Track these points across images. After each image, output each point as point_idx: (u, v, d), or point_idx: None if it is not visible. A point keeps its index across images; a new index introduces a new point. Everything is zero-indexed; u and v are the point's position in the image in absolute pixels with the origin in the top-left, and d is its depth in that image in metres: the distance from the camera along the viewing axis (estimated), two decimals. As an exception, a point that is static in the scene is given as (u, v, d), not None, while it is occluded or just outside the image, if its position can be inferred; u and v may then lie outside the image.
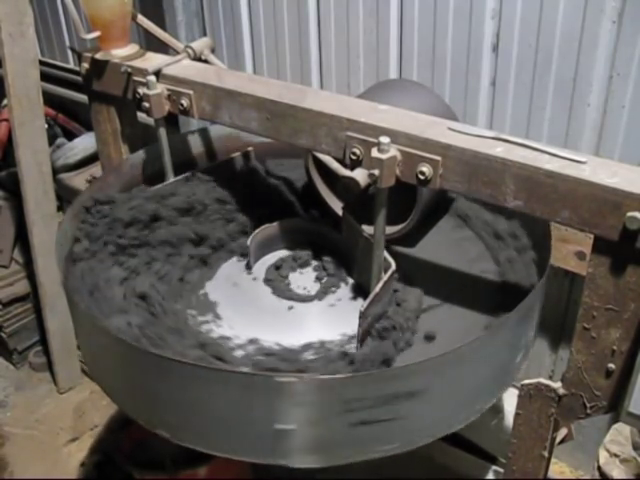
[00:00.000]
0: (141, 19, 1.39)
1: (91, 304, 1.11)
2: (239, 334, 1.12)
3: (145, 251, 1.22)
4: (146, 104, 1.23)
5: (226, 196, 1.33)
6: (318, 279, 1.24)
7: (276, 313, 1.17)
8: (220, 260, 1.30)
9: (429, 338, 1.09)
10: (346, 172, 1.03)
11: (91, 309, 1.09)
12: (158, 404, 1.00)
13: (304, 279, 1.24)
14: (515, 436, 1.02)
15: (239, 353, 1.07)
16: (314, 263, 1.28)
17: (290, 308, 1.18)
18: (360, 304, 1.02)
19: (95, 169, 2.29)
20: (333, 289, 1.21)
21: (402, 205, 1.21)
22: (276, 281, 1.23)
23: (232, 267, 1.29)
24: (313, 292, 1.21)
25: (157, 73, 1.23)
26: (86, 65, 1.35)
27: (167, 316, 1.12)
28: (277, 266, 1.27)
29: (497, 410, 1.62)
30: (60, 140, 2.56)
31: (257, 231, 1.27)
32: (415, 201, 1.20)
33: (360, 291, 1.20)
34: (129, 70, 1.27)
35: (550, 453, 1.03)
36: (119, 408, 1.09)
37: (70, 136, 2.60)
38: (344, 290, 1.22)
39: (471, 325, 1.11)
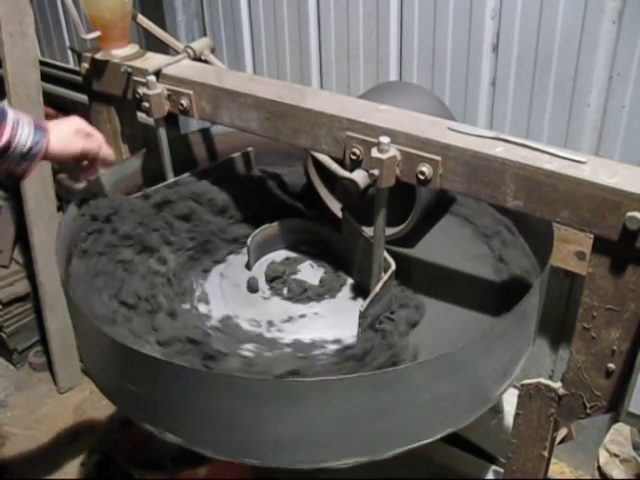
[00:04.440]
0: (141, 19, 1.40)
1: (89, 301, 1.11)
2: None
3: (140, 250, 1.22)
4: (146, 104, 1.23)
5: (225, 196, 1.33)
6: (317, 279, 1.24)
7: (273, 312, 1.17)
8: (219, 260, 1.30)
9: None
10: (345, 173, 1.03)
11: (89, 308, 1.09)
12: (158, 406, 1.00)
13: (303, 279, 1.24)
14: (515, 436, 1.02)
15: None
16: (313, 263, 1.28)
17: (288, 307, 1.18)
18: (360, 304, 1.02)
19: (95, 169, 2.29)
20: (332, 289, 1.21)
21: (402, 206, 1.21)
22: (275, 281, 1.23)
23: (231, 267, 1.29)
24: (312, 292, 1.21)
25: (157, 73, 1.23)
26: (86, 65, 1.36)
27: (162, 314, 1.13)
28: (276, 266, 1.27)
29: (497, 410, 1.62)
30: (60, 140, 2.55)
31: (257, 231, 1.27)
32: (414, 202, 1.20)
33: (360, 291, 1.20)
34: (129, 70, 1.27)
35: (550, 453, 1.03)
36: (117, 408, 1.09)
37: (70, 136, 2.60)
38: (344, 290, 1.22)
39: (469, 325, 1.11)
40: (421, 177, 0.95)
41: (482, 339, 0.96)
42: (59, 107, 2.63)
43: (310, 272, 1.26)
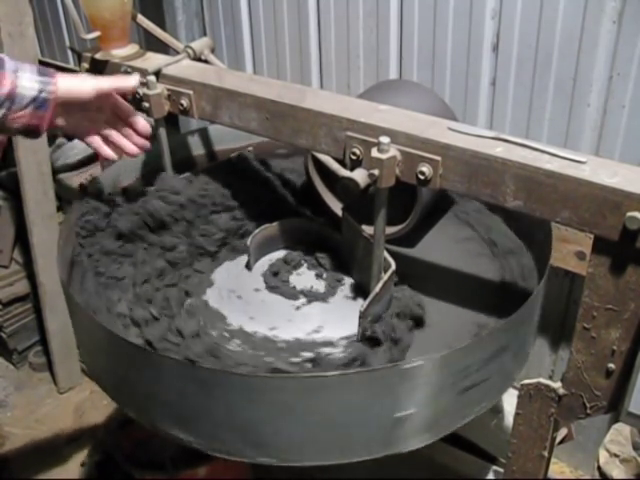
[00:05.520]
0: (141, 19, 1.39)
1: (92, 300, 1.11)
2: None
3: (138, 251, 1.22)
4: (146, 104, 1.23)
5: (225, 196, 1.33)
6: (318, 279, 1.24)
7: (273, 312, 1.17)
8: (219, 260, 1.30)
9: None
10: (346, 173, 1.02)
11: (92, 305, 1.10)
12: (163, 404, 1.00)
13: (303, 279, 1.24)
14: (515, 436, 1.02)
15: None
16: (314, 263, 1.28)
17: (286, 307, 1.18)
18: (360, 304, 1.02)
19: (95, 169, 2.29)
20: (332, 289, 1.21)
21: (402, 205, 1.21)
22: (275, 281, 1.23)
23: (231, 267, 1.29)
24: (311, 292, 1.21)
25: (157, 73, 1.23)
26: (86, 65, 1.35)
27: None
28: (276, 266, 1.27)
29: (497, 410, 1.62)
30: (60, 140, 2.55)
31: (257, 231, 1.27)
32: (415, 201, 1.20)
33: (360, 291, 1.20)
34: (129, 70, 1.27)
35: (550, 453, 1.03)
36: (118, 406, 1.09)
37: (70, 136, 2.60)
38: (344, 290, 1.22)
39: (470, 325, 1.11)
40: (421, 177, 0.95)
41: (484, 340, 0.96)
42: (59, 107, 2.63)
43: (310, 272, 1.26)
